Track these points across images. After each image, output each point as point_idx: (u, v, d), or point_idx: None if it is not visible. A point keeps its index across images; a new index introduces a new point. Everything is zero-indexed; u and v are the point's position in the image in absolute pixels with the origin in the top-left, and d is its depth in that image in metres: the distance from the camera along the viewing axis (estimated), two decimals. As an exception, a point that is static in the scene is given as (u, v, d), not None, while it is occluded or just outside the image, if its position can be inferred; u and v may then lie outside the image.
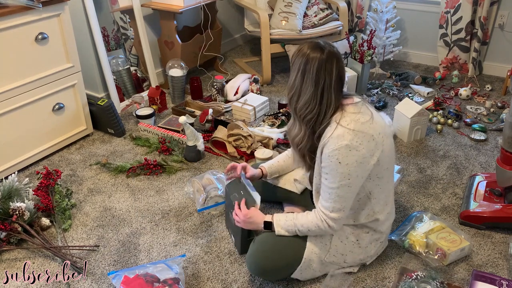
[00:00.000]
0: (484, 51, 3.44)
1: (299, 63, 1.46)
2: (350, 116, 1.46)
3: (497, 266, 1.79)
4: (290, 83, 1.50)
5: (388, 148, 1.54)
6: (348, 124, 1.44)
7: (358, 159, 1.44)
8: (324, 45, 1.47)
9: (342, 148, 1.42)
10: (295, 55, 1.48)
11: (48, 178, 2.17)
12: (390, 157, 1.57)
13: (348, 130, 1.43)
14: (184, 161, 2.49)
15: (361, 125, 1.45)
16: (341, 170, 1.44)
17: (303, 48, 1.47)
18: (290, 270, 1.66)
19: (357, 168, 1.45)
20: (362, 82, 3.11)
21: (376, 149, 1.48)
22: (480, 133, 2.68)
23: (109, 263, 1.85)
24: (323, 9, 3.44)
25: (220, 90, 3.09)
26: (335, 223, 1.53)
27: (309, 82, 1.45)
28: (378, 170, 1.53)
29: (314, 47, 1.45)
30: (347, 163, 1.43)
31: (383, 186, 1.59)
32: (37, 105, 2.40)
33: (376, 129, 1.48)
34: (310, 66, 1.44)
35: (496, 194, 2.02)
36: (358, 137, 1.43)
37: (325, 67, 1.44)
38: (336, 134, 1.44)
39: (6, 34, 2.15)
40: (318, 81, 1.44)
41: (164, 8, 3.05)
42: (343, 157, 1.43)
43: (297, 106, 1.51)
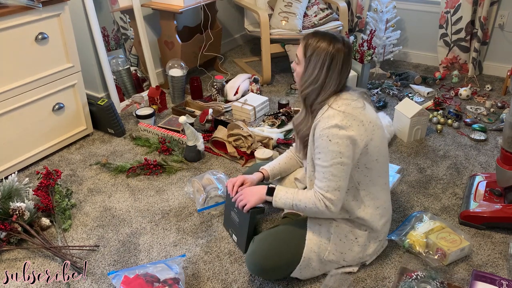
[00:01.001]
0: (484, 51, 3.44)
1: (323, 59, 1.48)
2: (343, 100, 1.51)
3: (497, 266, 1.79)
4: (311, 77, 1.51)
5: (378, 139, 1.55)
6: (339, 107, 1.49)
7: (348, 139, 1.47)
8: (339, 36, 1.51)
9: (332, 127, 1.46)
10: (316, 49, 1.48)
11: (48, 178, 2.17)
12: (380, 149, 1.57)
13: (338, 111, 1.48)
14: (184, 161, 2.49)
15: (352, 109, 1.49)
16: (332, 148, 1.47)
17: (323, 42, 1.48)
18: (290, 269, 1.66)
19: (347, 148, 1.47)
20: (362, 82, 3.11)
21: (365, 134, 1.50)
22: (480, 133, 2.68)
23: (109, 263, 1.85)
24: (323, 9, 3.44)
25: (220, 90, 3.09)
26: (332, 204, 1.52)
27: (334, 76, 1.50)
28: (366, 160, 1.54)
29: (334, 40, 1.49)
30: (337, 141, 1.46)
31: (373, 179, 1.59)
32: (37, 105, 2.40)
33: (366, 117, 1.51)
34: (337, 61, 1.48)
35: (496, 194, 2.02)
36: (347, 118, 1.47)
37: (348, 59, 1.51)
38: (327, 115, 1.48)
39: (6, 34, 2.15)
40: (341, 73, 1.51)
41: (164, 8, 3.05)
42: (332, 135, 1.46)
43: (316, 99, 1.54)
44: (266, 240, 1.65)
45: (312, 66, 1.50)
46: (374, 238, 1.69)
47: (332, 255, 1.65)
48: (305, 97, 1.56)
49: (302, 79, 1.55)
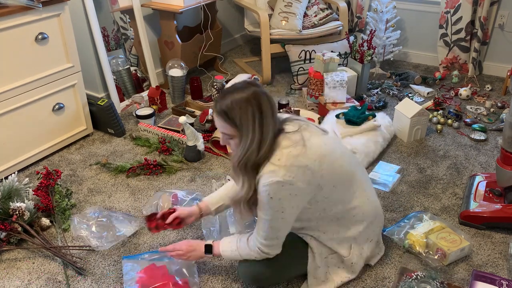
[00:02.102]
0: (484, 51, 3.44)
1: (251, 112, 1.34)
2: (282, 151, 1.40)
3: (497, 266, 1.79)
4: (249, 139, 1.36)
5: (329, 170, 1.48)
6: (279, 160, 1.38)
7: (292, 192, 1.41)
8: (242, 82, 1.40)
9: (274, 184, 1.37)
10: (239, 108, 1.34)
11: (48, 178, 2.17)
12: (335, 175, 1.51)
13: (279, 166, 1.38)
14: (184, 161, 2.49)
15: (293, 158, 1.39)
16: (273, 205, 1.41)
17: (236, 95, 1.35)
18: (285, 277, 1.68)
19: (291, 201, 1.43)
20: (362, 82, 3.11)
21: (313, 177, 1.44)
22: (480, 133, 2.68)
23: (109, 263, 1.85)
24: (323, 9, 3.44)
25: (220, 90, 3.09)
26: (270, 250, 1.52)
27: (269, 121, 1.38)
28: (323, 193, 1.50)
29: (243, 87, 1.36)
30: (279, 198, 1.40)
31: (338, 200, 1.56)
32: (37, 105, 2.40)
33: (310, 156, 1.42)
34: (264, 102, 1.36)
35: (496, 194, 2.02)
36: (291, 171, 1.38)
37: (268, 96, 1.39)
38: (268, 170, 1.39)
39: (6, 34, 2.15)
40: (273, 113, 1.39)
41: (164, 8, 3.05)
42: (274, 192, 1.39)
43: (257, 156, 1.39)
44: None
45: (246, 129, 1.36)
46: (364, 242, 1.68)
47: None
48: (245, 164, 1.40)
49: (241, 148, 1.39)
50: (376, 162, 2.45)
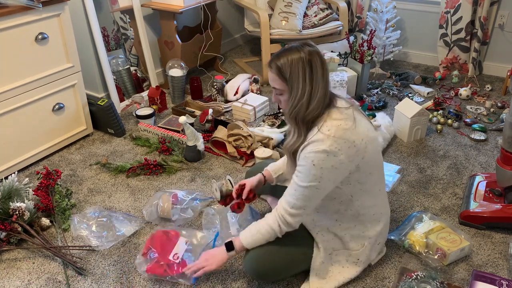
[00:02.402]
0: (484, 51, 3.44)
1: (302, 69, 1.41)
2: (332, 122, 1.44)
3: (497, 266, 1.79)
4: (298, 94, 1.43)
5: (371, 154, 1.51)
6: (329, 130, 1.43)
7: (335, 164, 1.43)
8: (302, 43, 1.46)
9: (320, 152, 1.41)
10: (291, 65, 1.41)
11: (48, 178, 2.17)
12: (373, 162, 1.54)
13: (328, 136, 1.42)
14: (184, 161, 2.49)
15: (343, 131, 1.43)
16: (314, 172, 1.43)
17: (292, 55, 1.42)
18: (288, 272, 1.68)
19: (330, 173, 1.44)
20: (362, 82, 3.11)
21: (357, 155, 1.46)
22: (480, 133, 2.68)
23: (109, 263, 1.85)
24: (323, 9, 3.44)
25: (220, 90, 3.09)
26: (292, 219, 1.52)
27: (319, 81, 1.43)
28: (358, 176, 1.52)
29: (300, 47, 1.43)
30: (321, 167, 1.42)
31: (368, 190, 1.58)
32: (37, 105, 2.40)
33: (358, 135, 1.46)
34: (315, 64, 1.42)
35: (496, 194, 2.02)
36: (337, 143, 1.42)
37: (323, 60, 1.45)
38: (316, 138, 1.43)
39: (6, 34, 2.15)
40: (323, 73, 1.44)
41: (164, 8, 3.05)
42: (318, 160, 1.42)
43: (306, 112, 1.45)
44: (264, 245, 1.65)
45: (296, 83, 1.43)
46: (373, 243, 1.69)
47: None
48: (295, 116, 1.47)
49: (290, 102, 1.47)
50: (376, 162, 2.45)
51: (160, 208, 2.02)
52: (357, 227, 1.64)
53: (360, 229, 1.65)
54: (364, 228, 1.65)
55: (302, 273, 1.73)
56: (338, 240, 1.65)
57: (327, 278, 1.67)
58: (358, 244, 1.66)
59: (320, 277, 1.67)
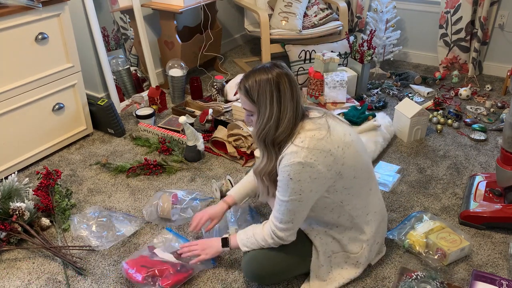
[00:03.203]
0: (484, 51, 3.44)
1: (269, 91, 1.41)
2: (306, 133, 1.43)
3: (497, 266, 1.79)
4: (266, 115, 1.43)
5: (351, 159, 1.49)
6: (303, 142, 1.42)
7: (312, 175, 1.42)
8: (271, 63, 1.47)
9: (295, 164, 1.40)
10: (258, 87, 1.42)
11: (48, 178, 2.17)
12: (356, 165, 1.52)
13: (302, 148, 1.41)
14: (184, 161, 2.49)
15: (317, 141, 1.42)
16: (292, 186, 1.43)
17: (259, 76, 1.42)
18: (286, 275, 1.68)
19: (310, 184, 1.43)
20: (362, 82, 3.11)
21: (335, 163, 1.45)
22: (480, 133, 2.68)
23: (109, 263, 1.85)
24: (323, 9, 3.44)
25: (220, 90, 3.09)
26: (284, 234, 1.53)
27: (287, 103, 1.43)
28: (343, 183, 1.51)
29: (269, 68, 1.43)
30: (299, 180, 1.41)
31: (356, 194, 1.57)
32: (37, 105, 2.40)
33: (334, 143, 1.45)
34: (283, 86, 1.42)
35: (496, 194, 2.02)
36: (312, 154, 1.41)
37: (292, 80, 1.44)
38: (290, 151, 1.42)
39: (6, 34, 2.15)
40: (293, 97, 1.44)
41: (164, 8, 3.05)
42: (294, 173, 1.41)
43: (275, 134, 1.45)
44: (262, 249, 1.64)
45: (264, 106, 1.43)
46: (372, 244, 1.69)
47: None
48: (264, 139, 1.47)
49: (258, 124, 1.47)
50: (376, 162, 2.45)
51: (160, 208, 2.02)
52: (353, 230, 1.64)
53: (356, 231, 1.64)
54: (360, 230, 1.64)
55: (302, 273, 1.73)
56: (336, 243, 1.65)
57: (327, 280, 1.67)
58: (357, 247, 1.66)
59: (321, 279, 1.67)
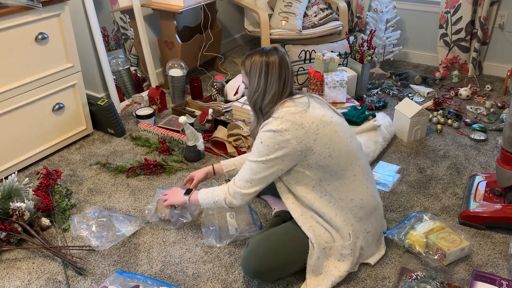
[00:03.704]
0: (484, 51, 3.44)
1: (259, 68, 1.62)
2: (283, 109, 1.61)
3: (497, 266, 1.79)
4: (254, 86, 1.66)
5: (325, 137, 1.58)
6: (278, 114, 1.59)
7: (281, 143, 1.55)
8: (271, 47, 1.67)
9: (267, 131, 1.57)
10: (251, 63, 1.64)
11: (48, 178, 2.17)
12: (332, 145, 1.59)
13: (276, 118, 1.58)
14: (184, 161, 2.49)
15: (290, 114, 1.57)
16: (260, 149, 1.58)
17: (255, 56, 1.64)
18: (285, 271, 1.69)
19: (277, 151, 1.56)
20: (362, 82, 3.11)
21: (306, 137, 1.56)
22: (480, 133, 2.68)
23: (109, 263, 1.85)
24: (323, 9, 3.44)
25: (220, 90, 3.09)
26: (238, 190, 1.65)
27: (274, 80, 1.63)
28: (316, 158, 1.59)
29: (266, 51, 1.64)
30: (267, 144, 1.56)
31: (336, 174, 1.62)
32: (37, 105, 2.40)
33: (308, 118, 1.58)
34: (272, 66, 1.62)
35: (496, 194, 2.02)
36: (284, 124, 1.55)
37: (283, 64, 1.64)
38: (267, 122, 1.61)
39: (6, 34, 2.15)
40: (280, 77, 1.63)
41: (164, 8, 3.05)
42: (265, 138, 1.57)
43: (262, 103, 1.66)
44: (261, 243, 1.66)
45: (253, 78, 1.65)
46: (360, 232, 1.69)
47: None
48: (254, 105, 1.70)
49: (249, 91, 1.70)
50: (376, 162, 2.45)
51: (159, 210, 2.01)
52: (338, 216, 1.66)
53: (341, 217, 1.66)
54: (345, 215, 1.66)
55: (301, 273, 1.73)
56: (328, 234, 1.66)
57: (323, 274, 1.68)
58: (345, 234, 1.67)
59: (317, 273, 1.67)
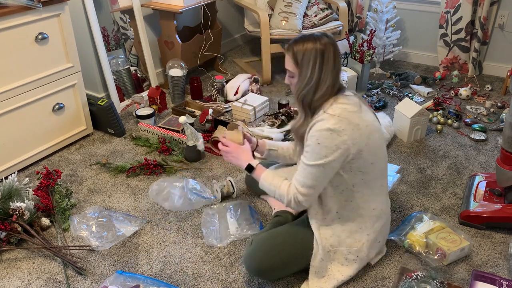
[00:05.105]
0: (484, 51, 3.44)
1: (314, 57, 1.49)
2: (338, 105, 1.52)
3: (497, 266, 1.79)
4: (306, 79, 1.52)
5: (375, 143, 1.55)
6: (334, 111, 1.50)
7: (338, 144, 1.47)
8: (321, 33, 1.54)
9: (324, 130, 1.47)
10: (304, 51, 1.50)
11: (48, 178, 2.17)
12: (377, 153, 1.57)
13: (333, 116, 1.49)
14: (184, 161, 2.49)
15: (347, 113, 1.50)
16: (318, 151, 1.49)
17: (308, 43, 1.50)
18: (288, 270, 1.68)
19: (335, 153, 1.48)
20: (362, 82, 3.11)
21: (360, 139, 1.50)
22: (480, 133, 2.68)
23: (109, 263, 1.85)
24: (323, 9, 3.44)
25: (220, 90, 3.09)
26: (303, 198, 1.55)
27: (328, 71, 1.51)
28: (361, 164, 1.54)
29: (318, 37, 1.51)
30: (325, 145, 1.48)
31: (369, 182, 1.59)
32: (37, 105, 2.40)
33: (363, 120, 1.52)
34: (328, 55, 1.49)
35: (496, 194, 2.02)
36: (342, 122, 1.47)
37: (337, 52, 1.52)
38: (321, 118, 1.50)
39: (6, 34, 2.15)
40: (334, 67, 1.52)
41: (164, 8, 3.05)
42: (323, 138, 1.48)
43: (313, 97, 1.54)
44: (265, 241, 1.66)
45: (305, 68, 1.52)
46: (372, 241, 1.69)
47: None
48: (302, 99, 1.56)
49: (297, 84, 1.56)
50: (376, 162, 2.45)
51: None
52: (356, 222, 1.64)
53: (359, 224, 1.65)
54: (363, 223, 1.65)
55: (301, 273, 1.73)
56: (336, 238, 1.66)
57: (326, 277, 1.67)
58: (356, 240, 1.66)
59: (319, 276, 1.67)
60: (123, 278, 1.71)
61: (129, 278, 1.70)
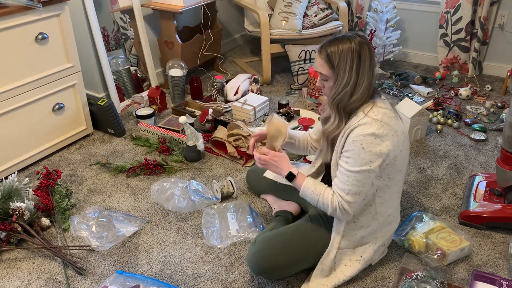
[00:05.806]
0: (484, 51, 3.44)
1: (351, 59, 1.44)
2: (379, 109, 1.48)
3: (497, 266, 1.79)
4: (343, 82, 1.46)
5: (406, 151, 1.56)
6: (376, 115, 1.47)
7: (382, 149, 1.45)
8: (354, 33, 1.49)
9: (368, 135, 1.44)
10: (341, 54, 1.44)
11: (48, 178, 2.17)
12: (405, 160, 1.58)
13: (375, 120, 1.45)
14: (184, 161, 2.49)
15: (388, 118, 1.48)
16: (363, 156, 1.45)
17: (343, 44, 1.45)
18: (292, 269, 1.68)
19: (379, 157, 1.46)
20: (362, 82, 3.11)
21: (397, 146, 1.49)
22: (480, 133, 2.68)
23: (109, 263, 1.85)
24: (323, 9, 3.44)
25: (220, 90, 3.09)
26: (349, 207, 1.51)
27: (366, 71, 1.47)
28: (391, 170, 1.53)
29: (352, 38, 1.46)
30: (370, 150, 1.45)
31: (391, 188, 1.59)
32: (37, 105, 2.40)
33: (400, 126, 1.52)
34: (364, 56, 1.45)
35: (496, 194, 2.02)
36: (384, 128, 1.45)
37: (372, 51, 1.48)
38: (364, 121, 1.46)
39: (6, 34, 2.15)
40: (371, 65, 1.48)
41: (164, 8, 3.05)
42: (367, 143, 1.44)
43: (350, 100, 1.49)
44: (269, 241, 1.67)
45: (342, 71, 1.46)
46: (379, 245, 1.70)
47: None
48: (337, 103, 1.50)
49: (333, 89, 1.50)
50: (376, 162, 2.45)
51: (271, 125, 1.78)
52: (370, 227, 1.64)
53: (372, 230, 1.65)
54: (376, 229, 1.65)
55: (302, 273, 1.73)
56: (346, 241, 1.65)
57: (329, 276, 1.68)
58: (364, 243, 1.67)
59: (323, 274, 1.67)
60: (123, 278, 1.71)
61: (129, 278, 1.70)
